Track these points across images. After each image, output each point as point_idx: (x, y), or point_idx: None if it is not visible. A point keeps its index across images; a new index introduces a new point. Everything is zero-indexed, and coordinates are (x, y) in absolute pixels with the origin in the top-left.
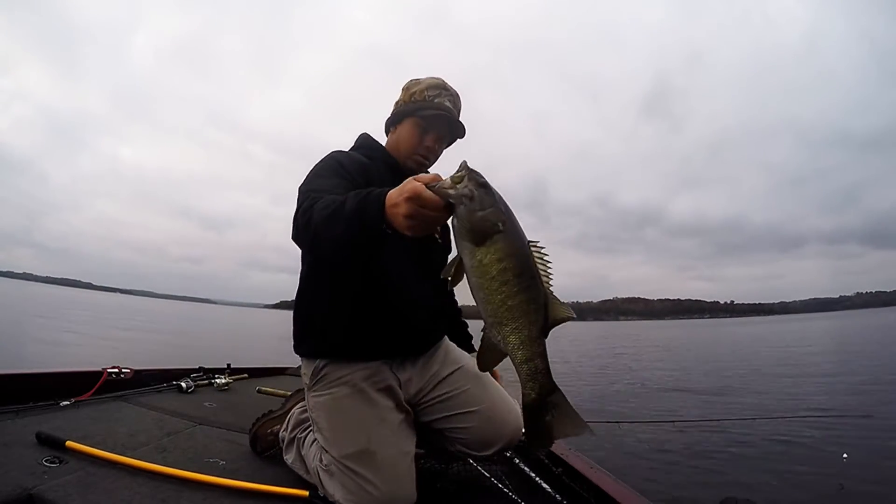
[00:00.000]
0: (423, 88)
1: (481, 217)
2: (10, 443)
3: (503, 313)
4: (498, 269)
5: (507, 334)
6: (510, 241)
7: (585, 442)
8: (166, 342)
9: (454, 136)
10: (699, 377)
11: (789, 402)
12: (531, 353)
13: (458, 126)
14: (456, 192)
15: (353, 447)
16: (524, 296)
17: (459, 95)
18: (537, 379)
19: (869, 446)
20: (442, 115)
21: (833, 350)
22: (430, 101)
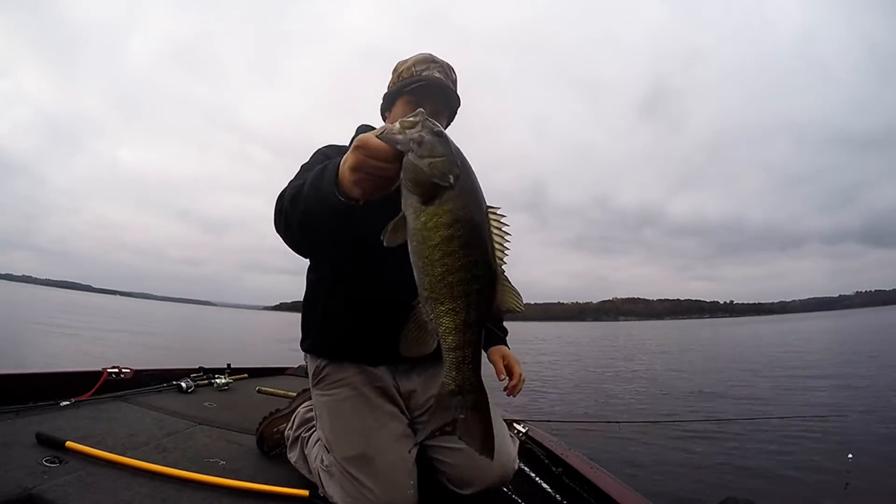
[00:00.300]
0: (410, 65)
1: (430, 165)
2: (10, 443)
3: (441, 289)
4: (443, 235)
5: (442, 314)
6: (462, 203)
7: (585, 442)
8: (166, 343)
9: (452, 108)
10: (699, 377)
11: (790, 401)
12: (463, 341)
13: (452, 95)
14: (404, 136)
15: (353, 451)
16: (469, 273)
17: (452, 66)
18: (462, 371)
19: (874, 446)
20: (429, 85)
21: (834, 349)
22: (419, 76)
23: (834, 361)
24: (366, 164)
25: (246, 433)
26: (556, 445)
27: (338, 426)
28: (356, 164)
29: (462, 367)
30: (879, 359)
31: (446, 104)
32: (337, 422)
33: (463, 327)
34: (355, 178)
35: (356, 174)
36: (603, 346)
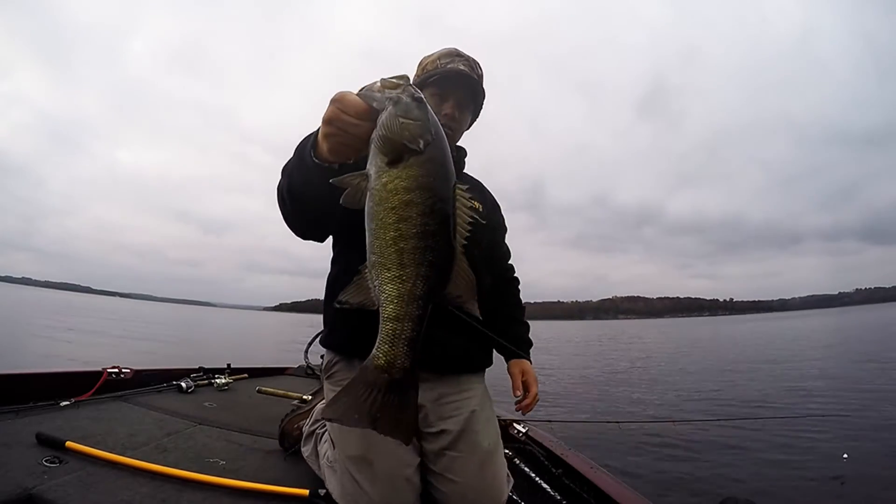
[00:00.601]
0: (435, 58)
1: (401, 125)
2: (11, 443)
3: (391, 254)
4: (402, 199)
5: (386, 281)
6: (429, 170)
7: (585, 442)
8: (166, 343)
9: (476, 101)
10: (699, 377)
11: (790, 401)
12: (405, 313)
13: (478, 87)
14: (382, 94)
15: (355, 450)
16: (423, 242)
17: (478, 61)
18: (396, 346)
19: (870, 445)
20: (454, 77)
21: (833, 348)
22: (443, 69)
23: (832, 360)
24: (338, 118)
25: (246, 433)
26: (556, 445)
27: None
28: (329, 116)
29: (397, 341)
30: (877, 358)
31: (472, 97)
32: None
33: (407, 298)
34: (326, 131)
35: (327, 127)
36: (603, 345)
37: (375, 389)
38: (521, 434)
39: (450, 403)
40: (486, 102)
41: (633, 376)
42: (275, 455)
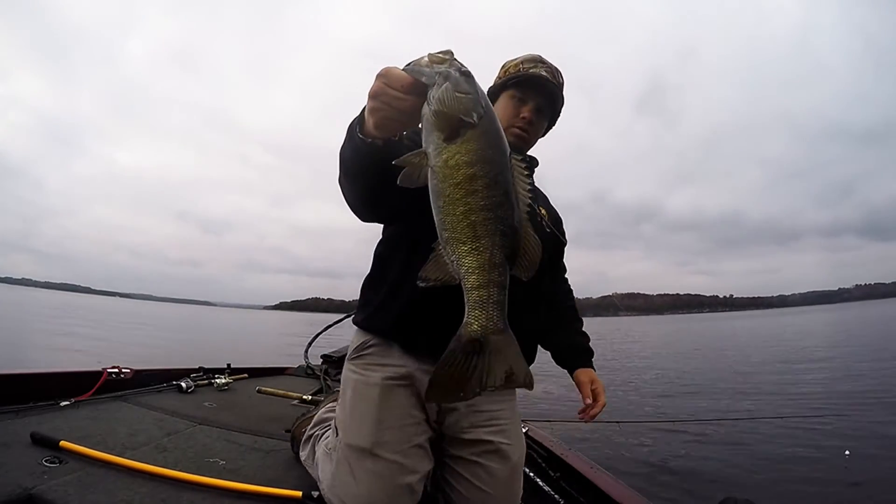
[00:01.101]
0: (519, 62)
1: (455, 100)
2: (10, 443)
3: (463, 229)
4: (466, 174)
5: (464, 254)
6: (487, 142)
7: (585, 442)
8: (166, 343)
9: (554, 109)
10: (699, 376)
11: (789, 400)
12: (487, 280)
13: (558, 93)
14: (431, 70)
15: (362, 441)
16: (492, 213)
17: (560, 71)
18: (487, 309)
19: (871, 444)
20: (535, 81)
21: (833, 345)
22: (525, 73)
23: (834, 358)
24: (384, 92)
25: (246, 433)
26: (556, 445)
27: (356, 410)
28: (375, 90)
29: (487, 305)
30: (878, 355)
31: (550, 103)
32: (357, 405)
33: (488, 266)
34: (371, 106)
35: (373, 102)
36: (602, 343)
37: (476, 354)
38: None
39: (484, 412)
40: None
41: (633, 375)
42: (275, 455)
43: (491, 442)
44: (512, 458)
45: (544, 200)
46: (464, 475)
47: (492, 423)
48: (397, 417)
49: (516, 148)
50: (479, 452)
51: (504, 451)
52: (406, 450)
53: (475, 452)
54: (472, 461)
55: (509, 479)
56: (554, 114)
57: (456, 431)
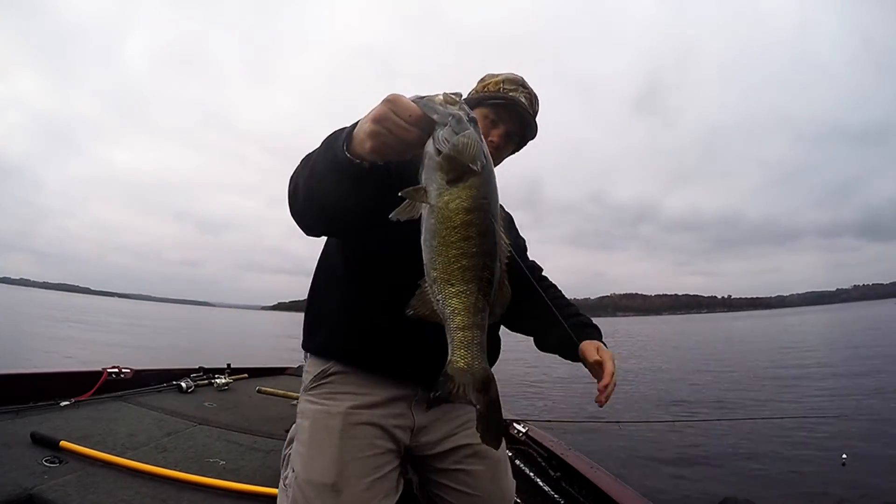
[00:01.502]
0: (500, 81)
1: (466, 147)
2: (10, 443)
3: (454, 272)
4: (464, 220)
5: (451, 296)
6: (486, 191)
7: (585, 442)
8: (166, 343)
9: (525, 136)
10: (698, 377)
11: (788, 401)
12: (472, 323)
13: (531, 123)
14: (444, 109)
15: (322, 477)
16: (481, 260)
17: (538, 98)
18: (471, 349)
19: (870, 444)
20: (513, 106)
21: (832, 346)
22: (504, 94)
23: (831, 359)
24: (390, 119)
25: (246, 433)
26: (556, 445)
27: (316, 443)
28: (380, 115)
29: (471, 346)
30: (877, 355)
31: (521, 131)
32: (316, 436)
33: (473, 310)
34: (372, 130)
35: (376, 125)
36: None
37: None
38: (521, 434)
39: (454, 419)
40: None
41: (632, 376)
42: (275, 455)
43: (468, 445)
44: (492, 455)
45: (509, 222)
46: (450, 485)
47: (464, 427)
48: (362, 448)
49: None
50: (459, 459)
51: (482, 451)
52: (371, 483)
53: (455, 460)
54: (454, 469)
55: (495, 477)
56: (522, 142)
57: (432, 447)
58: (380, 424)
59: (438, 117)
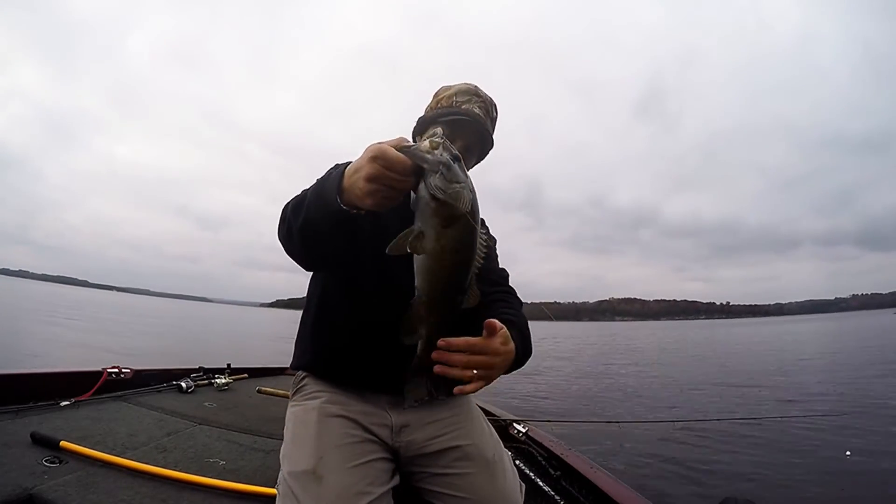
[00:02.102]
0: (452, 94)
1: (457, 193)
2: (10, 443)
3: (440, 299)
4: (453, 259)
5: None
6: (470, 229)
7: (585, 442)
8: (166, 343)
9: (483, 149)
10: (698, 378)
11: (789, 402)
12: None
13: (487, 137)
14: (433, 157)
15: (302, 465)
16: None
17: (495, 103)
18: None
19: (871, 445)
20: (467, 120)
21: (830, 352)
22: (458, 107)
23: (831, 364)
24: (384, 176)
25: (246, 433)
26: (556, 445)
27: (297, 435)
28: (374, 174)
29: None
30: (874, 362)
31: (479, 144)
32: (297, 431)
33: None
34: (370, 189)
35: (372, 185)
36: (601, 346)
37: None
38: (521, 434)
39: (438, 421)
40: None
41: (632, 377)
42: (275, 455)
43: (456, 447)
44: (485, 455)
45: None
46: (442, 491)
47: (450, 429)
48: (340, 437)
49: None
50: (449, 462)
51: (472, 452)
52: (351, 469)
53: (444, 463)
54: (445, 473)
55: (491, 478)
56: (482, 153)
57: (417, 449)
58: (355, 419)
59: (429, 166)
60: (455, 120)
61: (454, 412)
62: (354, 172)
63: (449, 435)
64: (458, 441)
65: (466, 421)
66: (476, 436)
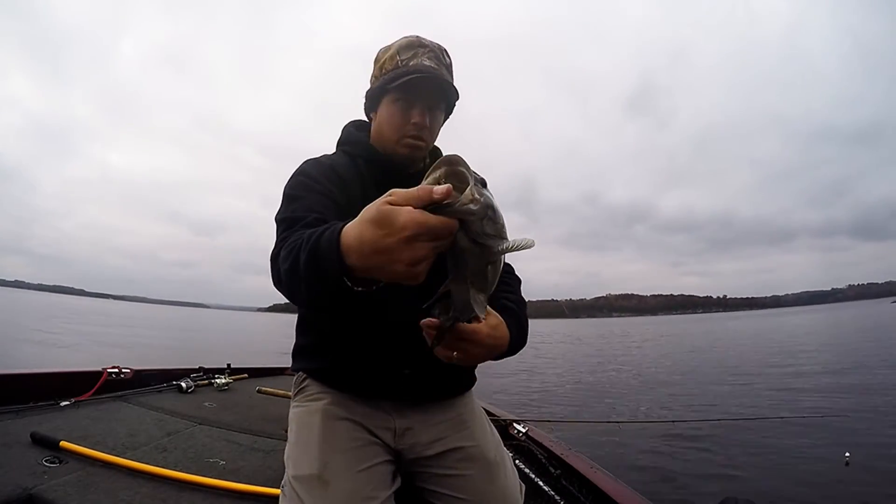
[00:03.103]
0: (394, 53)
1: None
2: (10, 443)
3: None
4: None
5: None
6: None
7: (585, 442)
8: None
9: (448, 101)
10: (697, 377)
11: (788, 401)
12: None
13: (448, 87)
14: (479, 206)
15: (306, 469)
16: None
17: (444, 48)
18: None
19: (871, 444)
20: (421, 77)
21: (829, 345)
22: (405, 66)
23: (829, 358)
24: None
25: (246, 433)
26: (556, 445)
27: (301, 438)
28: (421, 256)
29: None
30: (875, 354)
31: (443, 99)
32: (301, 433)
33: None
34: (419, 270)
35: (421, 266)
36: (600, 343)
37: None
38: (521, 434)
39: (441, 423)
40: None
41: (632, 376)
42: (275, 455)
43: (459, 448)
44: (486, 456)
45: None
46: (443, 491)
47: (453, 430)
48: (345, 441)
49: (412, 157)
50: (451, 463)
51: (474, 453)
52: (357, 474)
53: (446, 464)
54: (447, 475)
55: (491, 480)
56: (449, 105)
57: (420, 451)
58: (359, 421)
59: (476, 217)
60: (407, 83)
61: (458, 412)
62: (377, 254)
63: (452, 437)
64: (460, 442)
65: (470, 421)
66: (479, 437)
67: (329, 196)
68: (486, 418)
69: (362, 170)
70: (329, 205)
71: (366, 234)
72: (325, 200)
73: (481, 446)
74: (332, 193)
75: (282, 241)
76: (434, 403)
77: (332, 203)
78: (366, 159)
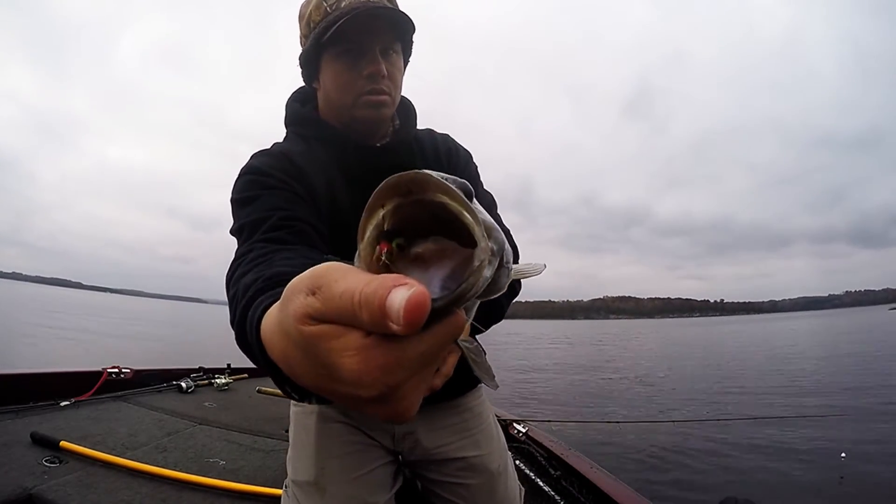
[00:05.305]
0: (318, 3)
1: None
2: (10, 443)
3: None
4: None
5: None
6: None
7: (585, 442)
8: (166, 343)
9: (403, 37)
10: (697, 377)
11: (788, 402)
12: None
13: (397, 18)
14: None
15: (304, 476)
16: None
17: None
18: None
19: (867, 445)
20: (361, 14)
21: (826, 350)
22: (336, 10)
23: (826, 362)
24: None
25: (246, 433)
26: (556, 445)
27: (298, 441)
28: (394, 395)
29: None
30: (872, 359)
31: (396, 35)
32: (298, 435)
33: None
34: (402, 409)
35: (399, 403)
36: (599, 345)
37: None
38: (521, 434)
39: (446, 427)
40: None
41: (631, 376)
42: (275, 455)
43: (462, 458)
44: (490, 467)
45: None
46: (447, 497)
47: (458, 437)
48: (341, 445)
49: (377, 119)
50: (452, 471)
51: (477, 464)
52: (354, 479)
53: (449, 472)
54: (450, 482)
55: (494, 490)
56: (406, 44)
57: (422, 454)
58: (356, 425)
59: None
60: (340, 32)
61: (462, 417)
62: (324, 392)
63: (457, 444)
64: (463, 452)
65: (475, 428)
66: (484, 445)
67: (289, 188)
68: (493, 421)
69: (319, 153)
70: (293, 198)
71: (295, 365)
72: (286, 194)
73: (485, 456)
74: (292, 186)
75: (238, 260)
76: (436, 407)
77: (296, 196)
78: (319, 139)
